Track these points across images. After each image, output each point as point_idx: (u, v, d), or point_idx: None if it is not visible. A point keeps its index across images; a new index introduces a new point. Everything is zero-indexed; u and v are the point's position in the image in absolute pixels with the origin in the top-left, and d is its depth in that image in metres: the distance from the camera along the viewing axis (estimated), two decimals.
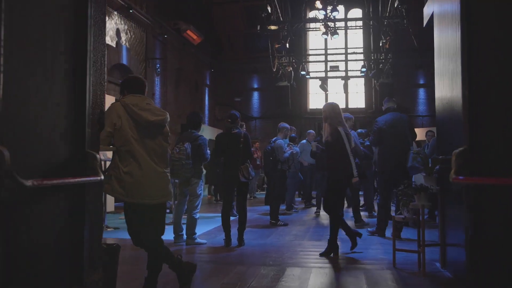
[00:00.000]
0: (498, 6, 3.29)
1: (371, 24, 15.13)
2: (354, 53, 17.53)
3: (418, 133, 7.16)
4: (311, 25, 15.65)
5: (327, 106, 5.27)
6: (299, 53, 17.34)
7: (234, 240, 5.73)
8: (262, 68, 17.80)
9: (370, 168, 8.45)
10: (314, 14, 14.21)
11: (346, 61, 17.98)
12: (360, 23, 16.74)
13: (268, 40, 14.62)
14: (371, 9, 15.45)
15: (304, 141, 10.09)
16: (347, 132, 5.15)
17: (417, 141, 9.89)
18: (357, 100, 19.13)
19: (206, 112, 18.21)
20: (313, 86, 18.82)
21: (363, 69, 15.79)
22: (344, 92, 18.30)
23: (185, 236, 5.84)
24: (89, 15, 2.74)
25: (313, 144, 7.13)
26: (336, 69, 17.75)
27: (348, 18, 16.93)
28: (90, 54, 2.74)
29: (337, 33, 13.24)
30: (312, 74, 18.15)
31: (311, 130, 10.84)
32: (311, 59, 18.71)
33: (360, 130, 9.02)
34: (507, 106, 3.17)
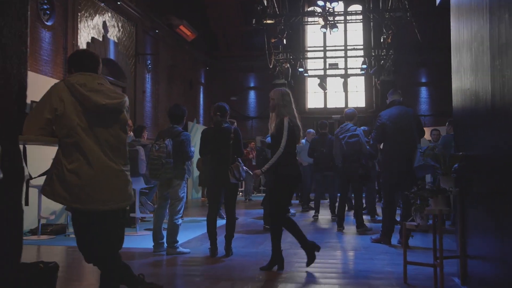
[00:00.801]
0: None
1: (372, 18, 14.47)
2: (354, 49, 16.88)
3: None
4: (310, 19, 14.98)
5: (276, 93, 4.33)
6: (297, 49, 16.69)
7: (221, 249, 5.06)
8: (259, 67, 17.19)
9: (374, 168, 7.85)
10: (313, 7, 13.59)
11: (346, 58, 17.38)
12: (360, 17, 16.06)
13: (264, 36, 13.97)
14: (371, 4, 14.80)
15: (303, 141, 9.53)
16: (296, 125, 4.26)
17: (421, 141, 9.24)
18: (357, 99, 18.50)
19: (201, 112, 17.57)
20: (312, 85, 18.22)
21: (364, 66, 15.14)
22: (344, 91, 17.75)
23: (166, 245, 5.17)
24: None
25: (257, 139, 6.45)
26: (336, 67, 17.15)
27: (348, 12, 16.25)
28: None
29: (337, 27, 12.58)
30: (311, 72, 17.59)
31: (311, 130, 10.22)
32: (309, 56, 18.08)
33: (362, 128, 8.38)
34: None
